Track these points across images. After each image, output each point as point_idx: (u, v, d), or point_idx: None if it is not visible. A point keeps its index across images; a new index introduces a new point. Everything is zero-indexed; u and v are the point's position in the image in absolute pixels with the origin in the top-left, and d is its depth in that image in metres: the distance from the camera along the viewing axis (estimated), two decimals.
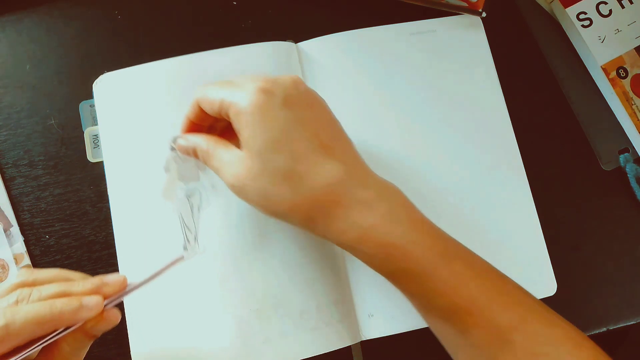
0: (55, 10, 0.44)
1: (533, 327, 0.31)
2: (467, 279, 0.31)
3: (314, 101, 0.32)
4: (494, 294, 0.31)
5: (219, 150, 0.32)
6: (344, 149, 0.32)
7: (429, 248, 0.30)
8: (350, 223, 0.30)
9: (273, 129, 0.30)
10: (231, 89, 0.31)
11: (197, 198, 0.36)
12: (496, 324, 0.30)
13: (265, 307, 0.39)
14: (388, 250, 0.30)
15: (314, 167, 0.30)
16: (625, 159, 0.45)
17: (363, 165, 0.33)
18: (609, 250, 0.44)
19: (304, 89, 0.32)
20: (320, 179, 0.30)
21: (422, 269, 0.30)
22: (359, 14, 0.46)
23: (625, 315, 0.42)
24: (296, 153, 0.30)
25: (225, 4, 0.45)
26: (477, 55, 0.45)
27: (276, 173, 0.30)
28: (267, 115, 0.30)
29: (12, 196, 0.41)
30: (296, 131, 0.30)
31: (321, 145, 0.30)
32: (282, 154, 0.30)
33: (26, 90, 0.42)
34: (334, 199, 0.30)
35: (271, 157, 0.30)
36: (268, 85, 0.31)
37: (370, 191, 0.31)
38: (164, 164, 0.36)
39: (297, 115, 0.31)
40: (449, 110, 0.44)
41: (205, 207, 0.36)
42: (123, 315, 0.38)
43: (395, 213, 0.31)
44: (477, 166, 0.43)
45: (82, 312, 0.29)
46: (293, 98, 0.31)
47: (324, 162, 0.30)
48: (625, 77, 0.46)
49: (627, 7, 0.46)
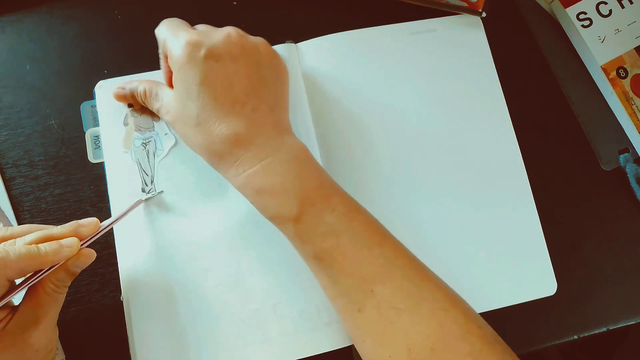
0: (55, 10, 0.44)
1: (399, 282, 0.33)
2: (337, 228, 0.33)
3: (241, 54, 0.35)
4: (362, 247, 0.33)
5: (159, 92, 0.38)
6: (255, 106, 0.35)
7: (300, 197, 0.33)
8: (237, 171, 0.34)
9: (190, 79, 0.34)
10: (172, 33, 0.36)
11: (152, 145, 0.41)
12: (361, 274, 0.33)
13: (265, 307, 0.39)
14: (263, 196, 0.34)
15: (218, 118, 0.34)
16: (625, 159, 0.45)
17: (268, 123, 0.35)
18: (609, 250, 0.44)
19: (236, 41, 0.35)
20: (220, 131, 0.34)
21: (292, 215, 0.33)
22: (359, 14, 0.46)
23: (625, 315, 0.43)
24: (207, 104, 0.34)
25: (225, 4, 0.45)
26: (477, 55, 0.45)
27: (189, 118, 0.35)
28: (188, 67, 0.34)
29: (12, 196, 0.41)
30: (210, 84, 0.34)
31: (231, 100, 0.34)
32: (193, 102, 0.34)
33: (26, 90, 0.42)
34: (227, 150, 0.34)
35: (187, 104, 0.35)
36: (198, 38, 0.34)
37: (261, 146, 0.34)
38: (123, 119, 0.41)
39: (216, 68, 0.34)
40: (448, 109, 0.44)
41: (160, 153, 0.41)
42: (122, 315, 0.38)
43: (275, 165, 0.34)
44: (477, 166, 0.43)
45: (64, 251, 0.32)
46: (217, 51, 0.34)
47: (228, 117, 0.34)
48: (625, 77, 0.46)
49: (627, 7, 0.46)
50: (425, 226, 0.41)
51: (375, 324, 0.32)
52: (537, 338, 0.41)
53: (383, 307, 0.32)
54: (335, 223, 0.33)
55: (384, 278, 0.33)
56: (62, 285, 0.33)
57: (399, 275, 0.33)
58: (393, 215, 0.40)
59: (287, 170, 0.34)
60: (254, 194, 0.35)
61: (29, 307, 0.32)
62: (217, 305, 0.39)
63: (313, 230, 0.33)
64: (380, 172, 0.42)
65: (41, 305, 0.32)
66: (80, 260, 0.33)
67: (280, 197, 0.34)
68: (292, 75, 0.43)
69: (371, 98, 0.43)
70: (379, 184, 0.42)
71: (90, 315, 0.39)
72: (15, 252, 0.31)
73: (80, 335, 0.39)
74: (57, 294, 0.33)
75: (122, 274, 0.39)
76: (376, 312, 0.32)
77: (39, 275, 0.32)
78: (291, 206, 0.33)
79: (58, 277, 0.33)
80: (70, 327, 0.38)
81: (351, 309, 0.33)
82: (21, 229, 0.34)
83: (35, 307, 0.32)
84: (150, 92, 0.39)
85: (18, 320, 0.32)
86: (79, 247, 0.33)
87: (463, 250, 0.41)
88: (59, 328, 0.35)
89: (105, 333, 0.39)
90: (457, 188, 0.42)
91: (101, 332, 0.39)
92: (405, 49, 0.45)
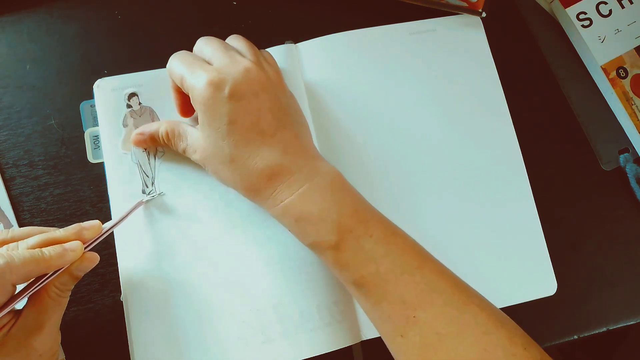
0: (55, 10, 0.44)
1: (441, 308, 0.32)
2: (376, 255, 0.33)
3: (261, 89, 0.35)
4: (402, 272, 0.33)
5: (182, 132, 0.38)
6: (283, 136, 0.35)
7: (338, 225, 0.34)
8: (275, 200, 0.35)
9: (219, 120, 0.34)
10: (189, 70, 0.36)
11: (152, 146, 0.41)
12: (402, 300, 0.33)
13: (266, 307, 0.39)
14: (302, 224, 0.34)
15: (251, 153, 0.35)
16: (625, 159, 0.45)
17: (299, 150, 0.36)
18: (609, 250, 0.44)
19: (255, 77, 0.35)
20: (256, 163, 0.35)
21: (331, 243, 0.34)
22: (359, 14, 0.46)
23: (625, 315, 0.43)
24: (238, 141, 0.35)
25: (225, 4, 0.45)
26: (477, 55, 0.45)
27: (223, 157, 0.35)
28: (215, 108, 0.34)
29: (12, 196, 0.40)
30: (239, 121, 0.34)
31: (260, 133, 0.35)
32: (226, 141, 0.35)
33: (26, 90, 0.42)
34: (263, 182, 0.35)
35: (219, 143, 0.35)
36: (219, 76, 0.34)
37: (295, 174, 0.35)
38: (122, 120, 0.41)
39: (241, 106, 0.34)
40: (449, 109, 0.44)
41: (160, 155, 0.41)
42: (122, 315, 0.38)
43: (311, 193, 0.34)
44: (477, 166, 0.43)
45: (68, 255, 0.32)
46: (240, 89, 0.34)
47: (259, 150, 0.35)
48: (625, 77, 0.46)
49: (627, 7, 0.46)
50: (425, 226, 0.41)
51: (418, 349, 0.32)
52: (537, 338, 0.41)
53: (425, 333, 0.32)
54: (373, 249, 0.33)
55: (425, 303, 0.32)
56: (65, 289, 0.33)
57: (441, 300, 0.33)
58: (393, 215, 0.39)
59: (323, 197, 0.34)
60: (293, 223, 0.35)
61: (33, 312, 0.32)
62: (218, 306, 0.39)
63: (352, 257, 0.34)
64: (379, 172, 0.42)
65: (45, 309, 0.32)
66: (84, 264, 0.34)
67: (318, 225, 0.34)
68: (291, 75, 0.43)
69: (371, 98, 0.43)
70: (379, 184, 0.42)
71: (90, 315, 0.39)
72: (20, 257, 0.30)
73: (80, 335, 0.39)
74: (61, 298, 0.33)
75: (122, 274, 0.39)
76: (419, 338, 0.32)
77: (44, 279, 0.32)
78: (330, 234, 0.34)
79: (62, 281, 0.33)
80: (70, 327, 0.38)
81: (393, 335, 0.33)
82: (22, 232, 0.34)
83: (39, 311, 0.32)
84: (173, 132, 0.38)
85: (22, 325, 0.32)
86: (83, 250, 0.33)
87: (463, 250, 0.41)
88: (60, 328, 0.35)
89: (105, 333, 0.39)
90: (457, 188, 0.42)
91: (101, 332, 0.39)
92: (405, 49, 0.45)
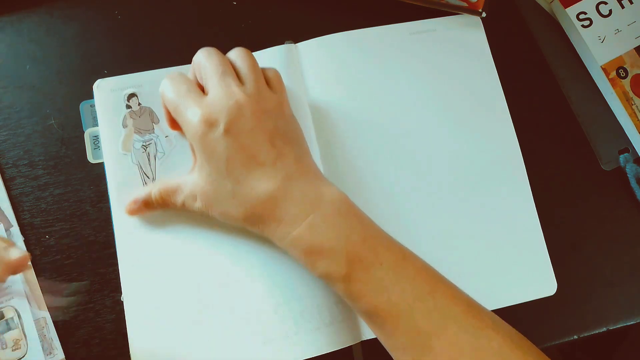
0: (55, 10, 0.44)
1: (455, 335, 0.32)
2: (387, 283, 0.33)
3: (257, 122, 0.35)
4: (415, 299, 0.33)
5: (178, 186, 0.37)
6: (284, 163, 0.35)
7: (348, 254, 0.33)
8: (283, 232, 0.34)
9: (217, 158, 0.34)
10: (181, 102, 0.36)
11: (152, 148, 0.41)
12: (416, 329, 0.32)
13: (266, 307, 0.39)
14: (312, 257, 0.34)
15: (253, 185, 0.34)
16: (625, 159, 0.45)
17: (302, 174, 0.35)
18: (609, 250, 0.44)
19: (249, 111, 0.35)
20: (258, 195, 0.34)
21: (341, 274, 0.33)
22: (359, 14, 0.46)
23: (625, 315, 0.43)
24: (239, 175, 0.34)
25: (225, 4, 0.45)
26: (477, 55, 0.45)
27: (226, 193, 0.35)
28: (211, 146, 0.34)
29: (12, 196, 0.40)
30: (237, 157, 0.34)
31: (260, 164, 0.34)
32: (226, 179, 0.34)
33: (26, 90, 0.42)
34: (268, 212, 0.34)
35: (220, 181, 0.35)
36: (211, 113, 0.34)
37: (298, 205, 0.34)
38: (121, 121, 0.41)
39: (238, 142, 0.34)
40: (449, 110, 0.44)
41: (161, 156, 0.41)
42: (123, 316, 0.38)
43: (318, 223, 0.34)
44: (477, 166, 0.43)
45: None
46: (235, 125, 0.34)
47: (261, 179, 0.34)
48: (625, 77, 0.46)
49: (627, 7, 0.46)
50: (425, 226, 0.41)
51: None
52: (537, 338, 0.41)
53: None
54: (384, 277, 0.33)
55: (439, 331, 0.32)
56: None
57: (455, 326, 0.32)
58: (392, 215, 0.40)
59: (331, 226, 0.34)
60: (302, 256, 0.34)
61: None
62: (218, 306, 0.39)
63: (363, 288, 0.33)
64: (379, 171, 0.42)
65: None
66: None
67: (328, 256, 0.33)
68: (291, 75, 0.43)
69: (371, 98, 0.43)
70: (378, 183, 0.42)
71: (90, 315, 0.39)
72: None
73: (80, 335, 0.39)
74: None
75: (122, 274, 0.39)
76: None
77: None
78: (340, 265, 0.33)
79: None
80: (70, 327, 0.38)
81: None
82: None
83: None
84: (166, 190, 0.37)
85: None
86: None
87: (463, 250, 0.41)
88: (59, 328, 0.35)
89: (105, 333, 0.39)
90: (456, 187, 0.42)
91: (101, 332, 0.39)
92: (405, 49, 0.45)
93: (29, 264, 0.39)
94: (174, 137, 0.41)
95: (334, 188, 0.36)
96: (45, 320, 0.38)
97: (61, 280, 0.39)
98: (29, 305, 0.38)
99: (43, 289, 0.38)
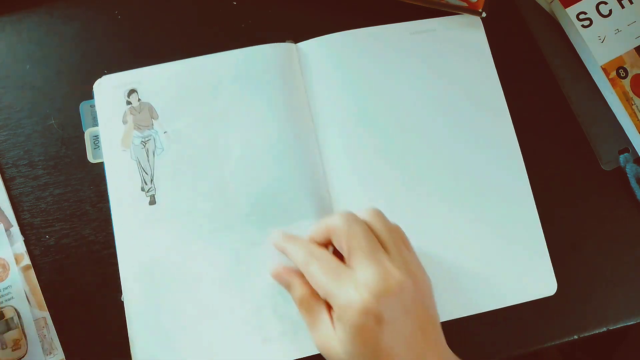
0: (55, 10, 0.44)
1: None
2: None
3: (412, 304, 0.32)
4: None
5: (317, 316, 0.34)
6: (427, 352, 0.32)
7: None
8: None
9: (368, 348, 0.31)
10: (336, 281, 0.32)
11: (151, 144, 0.41)
12: None
13: (265, 306, 0.39)
14: None
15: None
16: (625, 159, 0.45)
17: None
18: (609, 250, 0.44)
19: (409, 294, 0.31)
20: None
21: None
22: (359, 14, 0.46)
23: (625, 315, 0.42)
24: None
25: (225, 4, 0.45)
26: (477, 55, 0.45)
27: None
28: (367, 338, 0.30)
29: (12, 196, 0.40)
30: (389, 351, 0.31)
31: (413, 356, 0.31)
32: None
33: (26, 90, 0.42)
34: None
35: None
36: (376, 306, 0.30)
37: None
38: (121, 117, 0.41)
39: (395, 331, 0.31)
40: (448, 109, 0.44)
41: (159, 152, 0.41)
42: (123, 315, 0.38)
43: None
44: (477, 166, 0.43)
45: None
46: (395, 312, 0.31)
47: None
48: (625, 77, 0.46)
49: (627, 7, 0.46)
50: (425, 225, 0.41)
51: None
52: (537, 338, 0.41)
53: None
54: None
55: None
56: None
57: None
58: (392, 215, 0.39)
59: None
60: None
61: None
62: (218, 305, 0.39)
63: None
64: (379, 171, 0.42)
65: None
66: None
67: None
68: (291, 74, 0.43)
69: (371, 98, 0.43)
70: (378, 183, 0.42)
71: (90, 315, 0.39)
72: None
73: (80, 335, 0.39)
74: None
75: (122, 274, 0.39)
76: None
77: None
78: None
79: None
80: (70, 327, 0.38)
81: None
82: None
83: None
84: (309, 304, 0.34)
85: None
86: None
87: (463, 250, 0.41)
88: (59, 327, 0.35)
89: (105, 333, 0.39)
90: (456, 187, 0.42)
91: (101, 332, 0.39)
92: (405, 48, 0.45)
93: (29, 264, 0.39)
94: (172, 133, 0.41)
95: None
96: (45, 320, 0.38)
97: (61, 280, 0.39)
98: (29, 305, 0.38)
99: None
